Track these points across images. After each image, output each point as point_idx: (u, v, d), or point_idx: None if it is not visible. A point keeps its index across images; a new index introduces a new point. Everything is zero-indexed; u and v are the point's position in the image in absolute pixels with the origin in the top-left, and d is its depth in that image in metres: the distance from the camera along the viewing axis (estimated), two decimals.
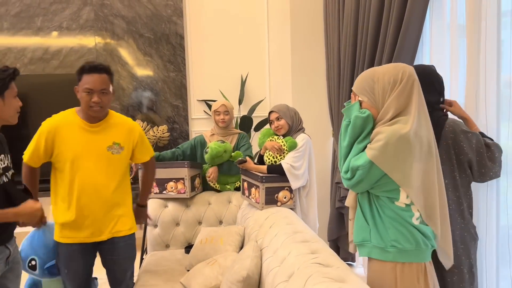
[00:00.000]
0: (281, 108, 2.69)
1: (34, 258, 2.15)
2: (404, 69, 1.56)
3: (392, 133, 1.48)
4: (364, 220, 1.63)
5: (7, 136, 1.94)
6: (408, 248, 1.54)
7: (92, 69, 2.01)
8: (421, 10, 2.29)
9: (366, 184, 1.56)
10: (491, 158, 1.81)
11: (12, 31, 4.00)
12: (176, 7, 4.26)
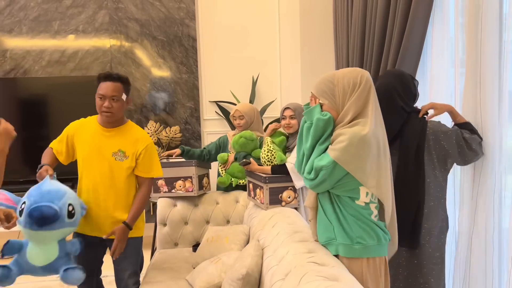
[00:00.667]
0: (297, 108, 2.70)
1: (24, 201, 1.96)
2: (362, 73, 1.64)
3: (353, 135, 1.55)
4: (327, 220, 1.69)
5: (28, 136, 2.03)
6: (372, 244, 1.63)
7: (107, 77, 2.19)
8: (425, 13, 2.30)
9: (328, 184, 1.61)
10: (470, 149, 1.97)
11: (31, 34, 4.14)
12: (188, 9, 4.34)
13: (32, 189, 2.01)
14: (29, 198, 1.95)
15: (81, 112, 3.14)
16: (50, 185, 2.03)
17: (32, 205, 1.90)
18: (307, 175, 1.64)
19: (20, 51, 4.13)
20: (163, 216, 2.98)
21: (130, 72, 4.28)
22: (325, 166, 1.56)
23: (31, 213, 1.88)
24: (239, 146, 2.92)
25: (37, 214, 1.88)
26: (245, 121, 3.06)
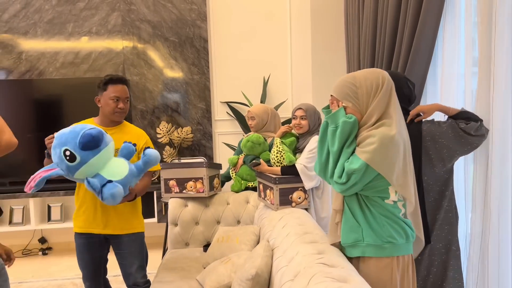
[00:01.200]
0: (309, 109, 2.71)
1: (66, 148, 1.92)
2: (383, 74, 1.65)
3: (383, 136, 1.56)
4: (355, 221, 1.69)
5: (42, 137, 2.10)
6: (401, 242, 1.65)
7: (118, 80, 2.30)
8: (436, 12, 2.28)
9: (359, 186, 1.62)
10: (471, 136, 1.98)
11: (46, 36, 4.21)
12: (200, 11, 4.36)
13: (55, 144, 1.96)
14: (64, 144, 1.92)
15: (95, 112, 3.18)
16: (60, 131, 2.01)
17: (75, 141, 1.91)
18: (337, 179, 1.63)
19: (35, 53, 4.20)
20: (174, 216, 3.00)
21: (142, 73, 4.32)
22: (357, 169, 1.57)
23: (83, 142, 1.90)
24: (247, 149, 2.94)
25: (86, 138, 1.91)
26: (256, 122, 3.08)
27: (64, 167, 1.92)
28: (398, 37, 2.62)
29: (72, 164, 1.91)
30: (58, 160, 1.93)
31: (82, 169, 1.93)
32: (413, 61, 2.44)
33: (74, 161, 1.91)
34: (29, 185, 1.89)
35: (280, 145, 2.66)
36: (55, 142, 1.96)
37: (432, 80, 2.49)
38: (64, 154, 1.90)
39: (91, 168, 1.96)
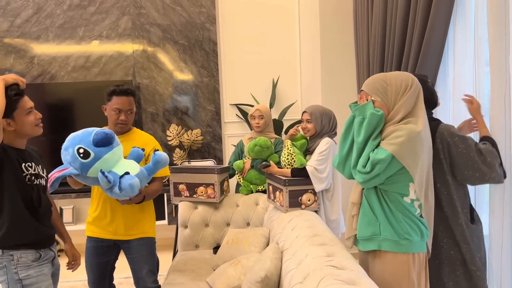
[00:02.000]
0: (314, 112, 2.69)
1: (80, 146, 1.97)
2: (412, 77, 1.72)
3: (410, 130, 1.62)
4: (373, 215, 1.74)
5: (55, 140, 2.12)
6: (416, 240, 1.69)
7: (122, 92, 2.32)
8: (446, 12, 2.26)
9: (381, 178, 1.66)
10: (485, 163, 1.85)
11: (57, 41, 4.26)
12: (209, 14, 4.38)
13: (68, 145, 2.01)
14: (78, 143, 1.97)
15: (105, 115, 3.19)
16: (72, 134, 2.07)
17: (88, 139, 1.97)
18: (361, 169, 1.67)
19: (47, 57, 4.26)
20: (184, 219, 3.01)
21: (152, 76, 4.35)
22: (382, 159, 1.60)
23: (96, 139, 1.96)
24: (254, 154, 2.95)
25: (99, 136, 1.97)
26: (264, 121, 3.09)
27: (78, 165, 1.95)
28: (408, 37, 2.60)
29: (86, 160, 1.94)
30: (71, 159, 1.96)
31: (96, 165, 1.96)
32: (423, 61, 2.42)
33: (88, 157, 1.94)
34: (48, 185, 1.92)
35: (291, 147, 2.66)
36: (67, 144, 1.99)
37: (443, 80, 2.47)
38: (78, 152, 1.94)
39: (105, 165, 1.99)
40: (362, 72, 3.37)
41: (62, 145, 2.04)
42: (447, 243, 2.01)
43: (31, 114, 1.89)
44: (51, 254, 1.97)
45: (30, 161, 1.93)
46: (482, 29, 2.13)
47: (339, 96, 3.74)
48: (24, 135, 1.91)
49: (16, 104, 1.83)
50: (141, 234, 2.37)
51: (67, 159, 1.98)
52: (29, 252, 1.86)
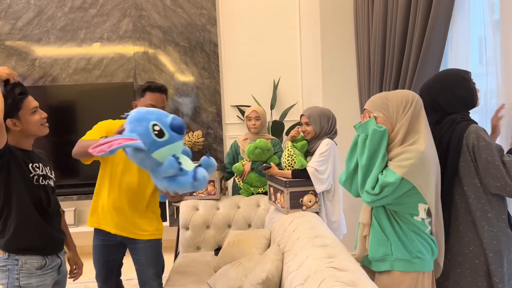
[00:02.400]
0: (312, 114, 2.69)
1: (155, 123, 1.77)
2: (413, 94, 1.74)
3: (418, 151, 1.63)
4: (383, 235, 1.74)
5: (57, 142, 2.07)
6: (428, 258, 1.71)
7: (156, 88, 2.28)
8: (446, 12, 2.26)
9: (389, 199, 1.67)
10: (509, 175, 1.73)
11: (58, 43, 4.27)
12: (210, 15, 4.39)
13: (141, 117, 1.78)
14: (153, 120, 1.77)
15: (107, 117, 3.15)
16: (144, 109, 1.85)
17: (164, 120, 1.78)
18: (370, 190, 1.67)
19: (48, 59, 4.27)
20: (185, 220, 3.01)
21: (153, 78, 4.36)
22: (392, 183, 1.61)
23: (175, 124, 1.79)
24: (255, 156, 2.95)
25: (179, 121, 1.81)
26: (260, 122, 3.10)
27: (148, 141, 1.74)
28: (408, 38, 2.60)
29: (159, 140, 1.75)
30: (143, 133, 1.74)
31: (165, 149, 1.78)
32: (423, 62, 2.43)
33: (162, 137, 1.76)
34: (100, 148, 1.65)
35: (292, 148, 2.66)
36: (139, 115, 1.77)
37: None
38: (153, 128, 1.75)
39: (171, 151, 1.82)
40: (362, 73, 3.37)
41: (64, 148, 1.95)
42: (473, 251, 1.85)
43: (36, 114, 1.88)
44: (58, 261, 1.94)
45: (38, 162, 1.93)
46: (482, 29, 2.13)
47: (340, 97, 3.74)
48: (30, 135, 1.89)
49: (21, 103, 1.83)
50: (150, 235, 2.32)
51: (137, 129, 1.75)
52: (35, 259, 1.84)
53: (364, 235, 1.82)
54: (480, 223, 1.81)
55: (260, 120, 3.12)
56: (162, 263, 2.49)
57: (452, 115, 1.90)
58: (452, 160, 1.84)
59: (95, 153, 1.62)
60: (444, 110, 1.92)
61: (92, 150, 1.63)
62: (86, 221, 4.34)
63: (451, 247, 1.89)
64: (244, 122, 4.43)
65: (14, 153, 1.81)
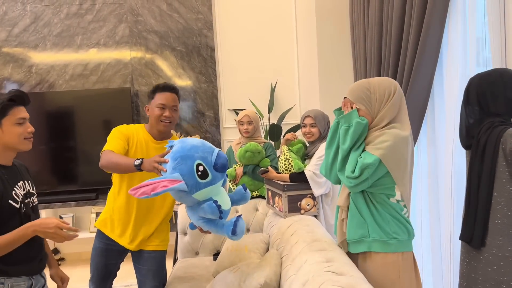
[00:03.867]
0: (318, 115, 2.68)
1: (200, 163, 1.71)
2: (395, 83, 1.78)
3: (395, 135, 1.68)
4: (361, 217, 1.77)
5: (55, 148, 1.99)
6: (404, 239, 1.74)
7: (166, 88, 2.21)
8: (441, 12, 2.28)
9: (369, 182, 1.71)
10: None
11: (55, 49, 4.27)
12: (206, 20, 4.40)
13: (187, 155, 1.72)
14: (198, 158, 1.72)
15: (105, 123, 3.18)
16: (189, 142, 1.80)
17: (209, 158, 1.73)
18: (350, 174, 1.71)
19: (45, 66, 4.27)
20: (183, 225, 3.00)
21: (150, 83, 4.36)
22: (371, 164, 1.65)
23: (219, 163, 1.75)
24: (246, 160, 2.95)
25: (223, 160, 1.76)
26: (252, 127, 3.09)
27: (191, 182, 1.69)
28: (404, 39, 2.61)
29: (202, 181, 1.71)
30: (187, 173, 1.69)
31: (206, 190, 1.73)
32: (419, 63, 2.43)
33: (205, 178, 1.71)
34: (143, 190, 1.61)
35: (288, 152, 2.65)
36: (186, 152, 1.72)
37: (439, 81, 2.48)
38: (197, 169, 1.70)
39: (213, 191, 1.77)
40: (359, 75, 3.37)
41: (63, 154, 1.88)
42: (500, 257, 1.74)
43: (21, 126, 1.72)
44: (42, 281, 1.85)
45: (20, 180, 1.79)
46: (476, 30, 2.14)
47: (337, 99, 3.71)
48: (10, 148, 1.73)
49: (8, 110, 1.68)
50: (155, 246, 2.29)
51: (181, 168, 1.70)
52: (21, 280, 1.71)
53: (342, 218, 1.85)
54: (508, 230, 1.73)
55: (252, 124, 3.11)
56: (165, 277, 2.42)
57: (492, 116, 1.79)
58: (488, 165, 1.74)
59: (136, 196, 1.59)
60: (488, 107, 1.80)
61: (133, 193, 1.60)
62: (85, 227, 4.35)
63: (482, 254, 1.79)
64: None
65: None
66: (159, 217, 2.29)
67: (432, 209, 2.54)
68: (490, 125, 1.78)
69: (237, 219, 1.80)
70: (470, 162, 1.84)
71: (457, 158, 2.28)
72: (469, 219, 1.82)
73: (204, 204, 1.75)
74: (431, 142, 2.58)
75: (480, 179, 1.78)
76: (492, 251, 1.75)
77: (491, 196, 1.75)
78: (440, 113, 2.48)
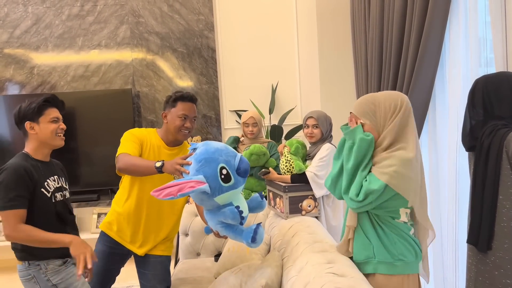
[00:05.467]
0: (320, 116, 2.67)
1: (223, 166, 1.73)
2: (402, 97, 1.69)
3: (401, 158, 1.60)
4: (366, 238, 1.71)
5: (57, 149, 2.08)
6: (411, 261, 1.68)
7: (188, 97, 2.21)
8: (442, 12, 2.27)
9: (373, 205, 1.65)
10: None
11: (56, 51, 4.27)
12: (207, 21, 4.40)
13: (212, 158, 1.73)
14: (222, 162, 1.73)
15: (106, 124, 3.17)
16: (213, 145, 1.81)
17: (232, 162, 1.75)
18: (354, 197, 1.65)
19: (46, 67, 4.27)
20: (185, 227, 3.00)
21: (152, 85, 4.36)
22: (376, 190, 1.59)
23: (242, 168, 1.76)
24: (251, 162, 2.94)
25: (245, 165, 1.77)
26: (257, 128, 3.09)
27: (214, 185, 1.70)
28: (405, 39, 2.60)
29: (225, 185, 1.72)
30: (210, 176, 1.70)
31: (228, 194, 1.74)
32: (421, 63, 2.42)
33: (228, 182, 1.72)
34: (168, 191, 1.61)
35: (288, 154, 2.65)
36: (211, 155, 1.73)
37: (441, 82, 2.47)
38: (221, 172, 1.71)
39: (233, 196, 1.79)
40: (360, 76, 3.37)
41: (64, 155, 2.00)
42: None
43: (54, 123, 1.98)
44: (73, 260, 1.96)
45: (54, 174, 2.02)
46: (477, 30, 2.13)
47: (338, 100, 3.74)
48: (45, 144, 1.97)
49: (43, 109, 1.96)
50: (162, 251, 2.28)
51: (205, 171, 1.70)
52: (55, 260, 1.91)
53: (349, 238, 1.79)
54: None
55: (257, 126, 3.11)
56: (169, 281, 2.40)
57: (496, 119, 1.78)
58: (492, 168, 1.74)
59: (161, 197, 1.60)
60: (492, 109, 1.79)
61: (157, 194, 1.60)
62: (86, 228, 4.34)
63: (489, 257, 1.79)
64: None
65: (36, 169, 1.90)
66: (169, 223, 2.29)
67: (434, 211, 2.53)
68: (493, 128, 1.76)
69: (257, 226, 1.81)
70: (474, 166, 1.83)
71: (460, 160, 2.27)
72: (474, 223, 1.81)
73: (226, 208, 1.76)
74: (432, 143, 2.57)
75: (485, 183, 1.77)
76: (499, 254, 1.75)
77: (496, 200, 1.74)
78: (442, 114, 2.47)
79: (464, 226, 2.19)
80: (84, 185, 4.15)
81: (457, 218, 2.31)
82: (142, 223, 2.22)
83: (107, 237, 2.25)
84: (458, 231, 2.31)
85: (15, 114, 1.97)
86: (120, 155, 2.06)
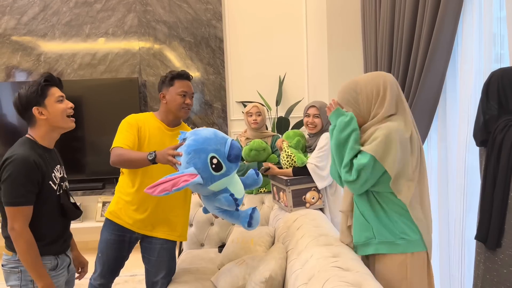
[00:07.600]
0: (323, 107, 2.63)
1: (213, 156, 1.74)
2: (385, 79, 1.66)
3: (387, 129, 1.57)
4: (364, 220, 1.69)
5: (63, 138, 2.02)
6: (415, 238, 1.63)
7: (185, 76, 2.23)
8: (455, 8, 2.22)
9: (371, 182, 1.61)
10: None
11: (63, 38, 4.26)
12: (215, 11, 4.36)
13: (201, 148, 1.74)
14: (211, 151, 1.74)
15: (113, 112, 3.15)
16: (201, 135, 1.82)
17: (222, 150, 1.76)
18: (347, 177, 1.62)
19: (53, 55, 4.27)
20: (189, 217, 2.99)
21: (158, 74, 4.34)
22: (366, 164, 1.56)
23: (233, 154, 1.77)
24: (251, 158, 2.93)
25: (236, 151, 1.78)
26: (261, 118, 3.05)
27: (206, 175, 1.72)
28: (416, 34, 2.56)
29: (217, 173, 1.74)
30: (201, 166, 1.71)
31: (221, 181, 1.76)
32: (432, 58, 2.38)
33: (220, 170, 1.74)
34: (163, 187, 1.64)
35: (288, 148, 2.62)
36: (199, 146, 1.75)
37: (452, 77, 2.43)
38: (211, 162, 1.72)
39: (227, 182, 1.80)
40: (369, 69, 3.33)
41: (71, 144, 1.95)
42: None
43: (62, 103, 1.83)
44: (67, 260, 1.92)
45: (57, 164, 1.91)
46: (491, 25, 2.08)
47: None
48: (56, 128, 1.83)
49: (46, 90, 1.80)
50: (166, 234, 2.26)
51: (195, 162, 1.72)
52: (48, 259, 1.80)
53: (348, 225, 1.77)
54: None
55: (261, 115, 3.07)
56: (174, 267, 2.41)
57: (510, 114, 1.75)
58: (504, 164, 1.71)
59: (155, 194, 1.62)
60: (507, 103, 1.76)
61: (151, 191, 1.62)
62: (91, 216, 4.36)
63: (498, 255, 1.77)
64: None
65: (44, 160, 1.77)
66: (178, 204, 2.28)
67: (441, 207, 2.50)
68: (506, 123, 1.73)
69: (253, 211, 1.84)
70: (486, 161, 1.80)
71: (469, 156, 2.24)
72: (484, 219, 1.78)
73: (220, 196, 1.79)
74: (442, 138, 2.53)
75: (496, 178, 1.74)
76: (508, 252, 1.72)
77: (508, 196, 1.71)
78: (452, 110, 2.43)
79: (472, 223, 2.17)
80: (89, 174, 4.16)
81: (465, 215, 2.28)
82: (149, 209, 2.20)
83: (113, 225, 2.24)
84: (465, 227, 2.28)
85: (16, 102, 1.79)
86: (113, 150, 2.07)
